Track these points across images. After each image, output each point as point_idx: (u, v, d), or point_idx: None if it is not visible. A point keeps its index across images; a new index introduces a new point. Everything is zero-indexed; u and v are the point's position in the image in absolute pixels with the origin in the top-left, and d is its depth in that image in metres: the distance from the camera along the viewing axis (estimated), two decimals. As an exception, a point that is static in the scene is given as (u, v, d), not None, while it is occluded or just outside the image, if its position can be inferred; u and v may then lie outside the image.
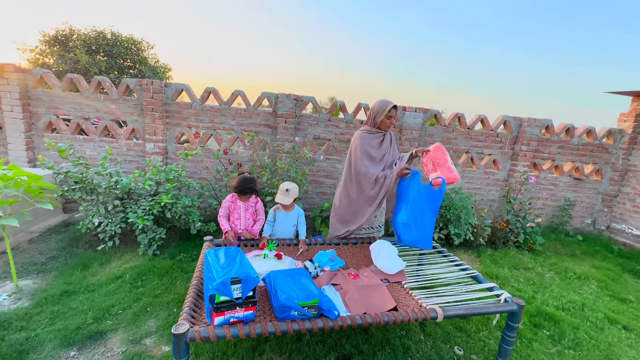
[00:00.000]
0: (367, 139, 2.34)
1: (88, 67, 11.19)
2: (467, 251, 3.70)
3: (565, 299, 2.83)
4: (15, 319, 1.99)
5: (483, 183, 4.46)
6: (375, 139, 2.35)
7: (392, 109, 2.26)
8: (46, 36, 11.67)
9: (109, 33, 12.31)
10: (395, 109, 2.26)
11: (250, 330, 1.36)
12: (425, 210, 2.16)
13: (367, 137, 2.34)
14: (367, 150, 2.32)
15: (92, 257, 2.82)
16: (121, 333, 1.96)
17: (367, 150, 2.32)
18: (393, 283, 1.95)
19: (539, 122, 4.23)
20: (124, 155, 3.91)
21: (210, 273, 1.42)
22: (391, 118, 2.30)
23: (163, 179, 3.10)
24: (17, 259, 2.69)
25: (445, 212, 3.68)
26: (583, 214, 4.79)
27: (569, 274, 3.40)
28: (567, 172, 4.59)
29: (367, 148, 2.33)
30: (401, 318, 1.53)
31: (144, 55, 13.28)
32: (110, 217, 2.93)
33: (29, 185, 2.31)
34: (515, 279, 3.14)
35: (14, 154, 3.74)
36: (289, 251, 2.26)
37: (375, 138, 2.35)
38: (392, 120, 2.30)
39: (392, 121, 2.31)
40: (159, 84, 3.70)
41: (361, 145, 2.32)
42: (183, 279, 2.59)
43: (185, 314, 1.41)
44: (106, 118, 3.84)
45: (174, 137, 3.93)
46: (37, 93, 3.72)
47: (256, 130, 4.01)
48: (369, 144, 2.33)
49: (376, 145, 2.35)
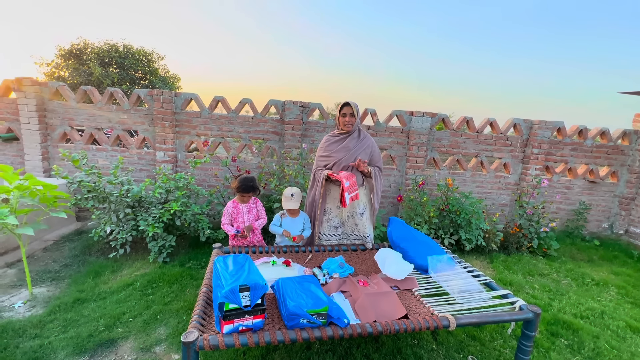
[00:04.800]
0: (326, 143, 2.45)
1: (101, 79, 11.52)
2: (479, 257, 3.62)
3: (584, 306, 2.73)
4: (29, 327, 2.02)
5: (494, 187, 4.38)
6: (334, 142, 2.41)
7: (344, 107, 2.32)
8: (62, 50, 12.10)
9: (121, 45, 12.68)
10: (347, 106, 2.31)
11: (259, 339, 1.34)
12: (413, 243, 2.26)
13: (326, 141, 2.46)
14: (320, 155, 2.46)
15: (104, 265, 2.86)
16: (132, 341, 1.97)
17: (321, 154, 2.46)
18: (403, 290, 1.91)
19: (550, 125, 4.15)
20: (135, 164, 3.99)
21: (219, 280, 1.42)
22: (345, 116, 2.33)
23: (173, 187, 3.15)
24: (32, 267, 2.74)
25: (455, 217, 3.62)
26: (599, 217, 4.65)
27: (587, 280, 3.28)
28: (581, 175, 4.47)
29: (320, 152, 2.46)
30: (412, 326, 1.50)
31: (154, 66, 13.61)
32: (121, 225, 2.97)
33: (44, 195, 2.37)
34: (530, 285, 3.05)
35: (30, 164, 3.85)
36: (298, 258, 2.25)
37: (335, 142, 2.41)
38: (346, 118, 2.33)
39: (347, 119, 2.33)
40: (168, 93, 3.78)
41: (319, 150, 2.49)
42: (192, 287, 2.59)
43: (194, 322, 1.41)
44: (118, 128, 3.94)
45: (184, 145, 3.99)
46: (53, 105, 3.84)
47: (264, 137, 4.04)
48: (325, 148, 2.44)
49: (334, 148, 2.39)
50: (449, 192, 3.84)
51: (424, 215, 3.65)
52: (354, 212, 2.44)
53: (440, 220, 3.72)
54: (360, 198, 2.41)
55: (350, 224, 2.49)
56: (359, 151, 2.36)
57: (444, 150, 4.24)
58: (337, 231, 2.52)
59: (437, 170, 4.28)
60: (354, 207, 2.41)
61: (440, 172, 4.26)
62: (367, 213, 2.48)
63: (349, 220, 2.48)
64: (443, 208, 3.72)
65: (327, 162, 2.41)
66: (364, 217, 2.45)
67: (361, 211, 2.44)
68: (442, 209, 3.73)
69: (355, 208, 2.42)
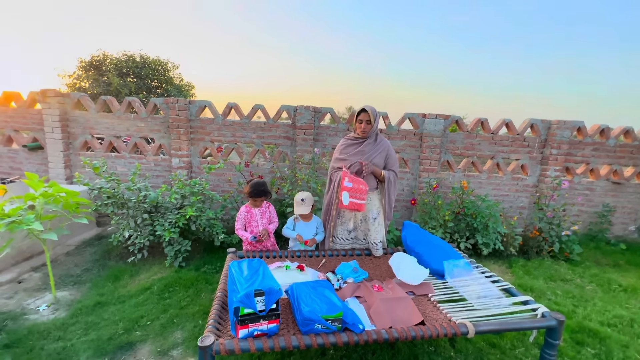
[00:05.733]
0: (342, 146, 2.44)
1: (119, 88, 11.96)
2: (497, 262, 3.52)
3: (611, 313, 2.60)
4: (53, 329, 2.09)
5: (511, 189, 4.26)
6: (350, 145, 2.40)
7: (361, 113, 2.31)
8: (83, 62, 12.65)
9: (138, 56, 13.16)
10: (364, 112, 2.29)
11: (274, 344, 1.35)
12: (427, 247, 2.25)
13: (342, 144, 2.45)
14: (336, 157, 2.45)
15: (123, 269, 2.93)
16: (150, 344, 2.01)
17: (337, 156, 2.45)
18: (419, 296, 1.88)
19: (570, 124, 4.02)
20: (151, 171, 4.10)
21: (234, 285, 1.43)
22: (362, 122, 2.31)
23: (188, 192, 3.21)
24: (55, 271, 2.85)
25: (471, 220, 3.54)
26: (625, 220, 4.44)
27: (613, 286, 3.13)
28: (603, 175, 4.29)
29: (337, 155, 2.45)
30: (429, 333, 1.47)
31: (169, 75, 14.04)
32: (139, 230, 3.05)
33: (66, 201, 2.46)
34: (552, 291, 2.94)
35: (53, 171, 4.02)
36: (311, 263, 2.24)
37: (351, 145, 2.40)
38: (363, 125, 2.31)
39: (364, 126, 2.31)
40: (183, 101, 3.88)
41: (335, 152, 2.49)
42: (208, 291, 2.63)
43: (210, 326, 1.43)
44: (136, 136, 4.06)
45: (198, 151, 4.08)
46: (75, 115, 4.00)
47: (276, 142, 4.08)
48: (341, 150, 2.43)
49: (351, 151, 2.38)
50: (464, 195, 3.76)
51: (438, 218, 3.59)
52: (367, 216, 2.42)
53: (455, 223, 3.64)
54: (374, 202, 2.39)
55: (362, 228, 2.46)
56: (375, 154, 2.34)
57: (458, 153, 4.17)
58: (350, 235, 2.51)
59: (452, 172, 4.20)
60: (367, 211, 2.39)
61: (454, 175, 4.18)
62: (380, 218, 2.44)
63: (362, 225, 2.46)
64: (458, 211, 3.64)
65: (342, 165, 2.40)
66: (376, 222, 2.42)
67: (374, 216, 2.42)
68: (457, 213, 3.65)
69: (368, 212, 2.40)
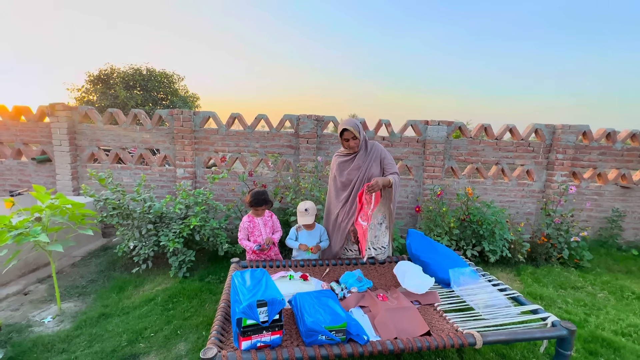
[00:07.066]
0: (336, 163, 2.42)
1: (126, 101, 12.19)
2: (505, 269, 3.45)
3: (625, 322, 2.52)
4: (57, 341, 2.09)
5: (517, 195, 4.21)
6: (344, 162, 2.38)
7: (344, 132, 2.23)
8: (91, 76, 12.95)
9: (144, 69, 13.43)
10: (347, 131, 2.20)
11: (277, 356, 1.32)
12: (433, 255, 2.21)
13: (335, 161, 2.43)
14: (335, 175, 2.43)
15: (128, 280, 2.93)
16: (153, 356, 1.99)
17: (335, 174, 2.42)
18: (425, 305, 1.84)
19: (575, 129, 3.99)
20: (156, 181, 4.14)
21: (237, 296, 1.42)
22: (348, 140, 2.24)
23: (192, 202, 3.23)
24: (60, 283, 2.86)
25: (477, 227, 3.49)
26: (636, 225, 4.34)
27: (626, 293, 3.05)
28: (612, 180, 4.23)
29: (335, 172, 2.43)
30: (436, 344, 1.43)
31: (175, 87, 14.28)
32: (144, 240, 3.06)
33: (72, 213, 2.49)
34: (562, 299, 2.87)
35: (61, 183, 4.08)
36: (315, 272, 2.23)
37: (345, 162, 2.37)
38: (350, 142, 2.24)
39: (351, 143, 2.24)
40: (188, 112, 3.93)
41: (331, 169, 2.47)
42: (211, 301, 2.61)
43: (213, 338, 1.42)
44: (141, 147, 4.12)
45: (202, 161, 4.11)
46: (82, 127, 4.08)
47: (279, 151, 4.10)
48: (337, 169, 2.41)
49: (346, 168, 2.36)
50: (470, 201, 3.72)
51: (443, 226, 3.55)
52: (373, 222, 2.40)
53: (461, 231, 3.59)
54: (378, 207, 2.39)
55: (369, 236, 2.45)
56: (371, 165, 2.32)
57: (462, 159, 4.15)
58: (354, 246, 2.49)
59: (456, 179, 4.17)
60: (374, 217, 2.38)
61: (459, 181, 4.15)
62: (386, 222, 2.45)
63: (369, 232, 2.44)
64: (464, 218, 3.60)
65: (349, 184, 2.36)
66: (382, 227, 2.43)
67: (380, 221, 2.42)
68: (462, 219, 3.61)
69: (374, 218, 2.39)
